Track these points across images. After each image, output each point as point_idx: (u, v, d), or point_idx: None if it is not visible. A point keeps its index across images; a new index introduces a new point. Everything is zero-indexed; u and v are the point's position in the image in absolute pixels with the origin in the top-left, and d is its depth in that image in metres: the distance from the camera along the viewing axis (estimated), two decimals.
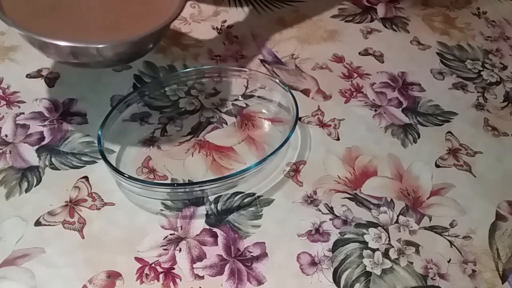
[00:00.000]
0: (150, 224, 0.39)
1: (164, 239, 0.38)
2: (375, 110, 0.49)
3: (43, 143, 0.44)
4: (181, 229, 0.39)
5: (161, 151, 0.44)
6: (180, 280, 0.37)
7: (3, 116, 0.45)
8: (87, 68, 0.47)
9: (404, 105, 0.50)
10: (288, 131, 0.43)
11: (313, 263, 0.38)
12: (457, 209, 0.42)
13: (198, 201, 0.41)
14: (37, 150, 0.43)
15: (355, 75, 0.53)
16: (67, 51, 0.39)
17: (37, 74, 0.49)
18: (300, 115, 0.45)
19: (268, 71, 0.52)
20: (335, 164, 0.44)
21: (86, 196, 0.40)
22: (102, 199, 0.40)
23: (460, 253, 0.40)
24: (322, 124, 0.48)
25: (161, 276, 0.37)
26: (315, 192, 0.42)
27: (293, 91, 0.46)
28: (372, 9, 0.62)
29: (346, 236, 0.40)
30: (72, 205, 0.40)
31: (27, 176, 0.41)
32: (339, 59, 0.55)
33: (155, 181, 0.42)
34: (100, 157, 0.39)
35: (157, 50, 0.52)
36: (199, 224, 0.40)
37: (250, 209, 0.41)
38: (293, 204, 0.41)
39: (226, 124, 0.46)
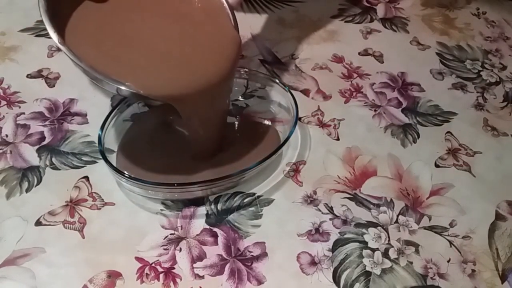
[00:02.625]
0: (150, 224, 0.39)
1: (164, 239, 0.39)
2: (375, 110, 0.50)
3: (44, 143, 0.44)
4: (181, 229, 0.39)
5: None
6: (181, 279, 0.37)
7: (4, 116, 0.45)
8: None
9: (404, 105, 0.50)
10: (288, 131, 0.43)
11: (313, 263, 0.38)
12: (457, 209, 0.42)
13: (198, 201, 0.41)
14: (37, 150, 0.43)
15: (355, 75, 0.53)
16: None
17: (38, 74, 0.50)
18: (300, 115, 0.45)
19: (268, 71, 0.52)
20: (335, 164, 0.44)
21: (86, 196, 0.40)
22: (103, 199, 0.40)
23: (460, 253, 0.40)
24: (322, 124, 0.48)
25: (161, 275, 0.37)
26: (315, 192, 0.42)
27: (293, 91, 0.46)
28: (371, 10, 0.62)
29: (346, 236, 0.40)
30: (73, 205, 0.40)
31: (28, 176, 0.41)
32: (339, 59, 0.55)
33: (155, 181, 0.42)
34: (101, 157, 0.39)
35: None
36: (199, 224, 0.40)
37: (250, 209, 0.41)
38: (293, 204, 0.41)
39: None
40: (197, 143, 0.42)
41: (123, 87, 0.34)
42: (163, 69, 0.36)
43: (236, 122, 0.46)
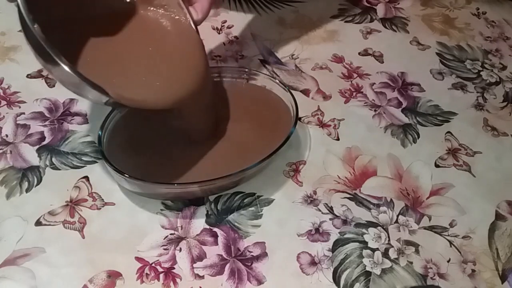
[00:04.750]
0: (150, 224, 0.39)
1: (164, 238, 0.39)
2: (375, 110, 0.50)
3: (44, 143, 0.44)
4: (181, 228, 0.39)
5: None
6: (180, 279, 0.37)
7: (4, 116, 0.45)
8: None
9: (404, 105, 0.50)
10: (288, 131, 0.43)
11: (313, 263, 0.38)
12: (457, 209, 0.42)
13: (198, 201, 0.41)
14: (37, 150, 0.43)
15: (355, 75, 0.53)
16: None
17: (38, 74, 0.50)
18: (300, 115, 0.45)
19: (268, 71, 0.52)
20: (335, 164, 0.44)
21: (86, 196, 0.40)
22: (103, 199, 0.40)
23: (460, 253, 0.40)
24: (322, 124, 0.48)
25: (161, 275, 0.37)
26: (315, 192, 0.42)
27: (293, 91, 0.46)
28: (371, 10, 0.62)
29: (346, 236, 0.40)
30: (73, 205, 0.40)
31: (28, 176, 0.41)
32: (339, 59, 0.55)
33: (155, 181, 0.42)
34: (101, 157, 0.39)
35: None
36: (199, 224, 0.40)
37: (250, 209, 0.41)
38: (293, 204, 0.41)
39: None
40: (191, 132, 0.43)
41: (102, 95, 0.34)
42: (138, 82, 0.38)
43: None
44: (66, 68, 0.32)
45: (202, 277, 0.37)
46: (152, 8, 0.41)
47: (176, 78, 0.39)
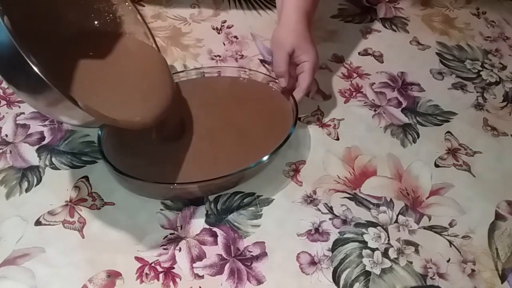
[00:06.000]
0: (150, 223, 0.39)
1: (164, 238, 0.39)
2: (375, 110, 0.50)
3: (43, 143, 0.44)
4: (181, 228, 0.39)
5: None
6: (180, 279, 0.37)
7: (4, 116, 0.45)
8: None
9: (404, 105, 0.50)
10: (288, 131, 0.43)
11: (313, 263, 0.38)
12: (457, 209, 0.42)
13: (198, 201, 0.41)
14: (37, 150, 0.43)
15: (355, 75, 0.53)
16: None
17: None
18: (299, 115, 0.45)
19: (268, 71, 0.52)
20: (335, 164, 0.44)
21: (86, 196, 0.40)
22: (102, 199, 0.40)
23: (460, 252, 0.40)
24: (321, 124, 0.48)
25: (161, 275, 0.37)
26: (314, 192, 0.42)
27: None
28: (371, 9, 0.62)
29: (345, 236, 0.40)
30: (72, 204, 0.40)
31: (27, 176, 0.41)
32: (338, 59, 0.55)
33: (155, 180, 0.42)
34: (100, 157, 0.39)
35: None
36: (199, 224, 0.40)
37: (250, 208, 0.41)
38: (292, 204, 0.41)
39: None
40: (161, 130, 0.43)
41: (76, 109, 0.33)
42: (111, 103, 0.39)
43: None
44: (34, 68, 0.30)
45: (202, 277, 0.37)
46: (122, 33, 0.43)
47: (146, 101, 0.40)
